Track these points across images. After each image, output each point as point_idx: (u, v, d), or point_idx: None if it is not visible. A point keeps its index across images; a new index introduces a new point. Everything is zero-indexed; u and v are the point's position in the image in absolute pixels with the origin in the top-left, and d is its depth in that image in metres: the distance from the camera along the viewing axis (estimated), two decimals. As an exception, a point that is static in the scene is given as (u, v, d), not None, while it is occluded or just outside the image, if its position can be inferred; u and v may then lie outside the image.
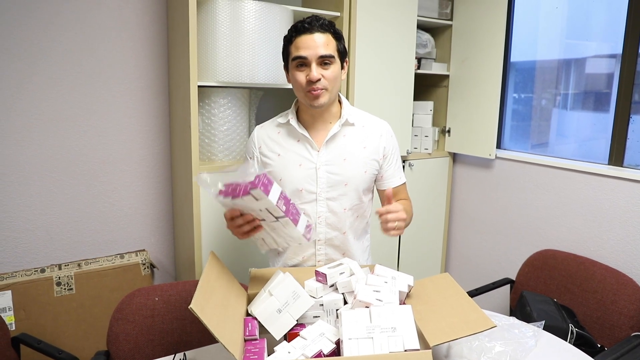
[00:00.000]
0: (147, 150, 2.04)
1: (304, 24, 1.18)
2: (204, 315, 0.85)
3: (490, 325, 0.91)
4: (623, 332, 1.59)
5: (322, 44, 1.17)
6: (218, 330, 0.85)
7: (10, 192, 1.78)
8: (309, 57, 1.17)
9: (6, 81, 1.72)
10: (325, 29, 1.19)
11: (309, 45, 1.16)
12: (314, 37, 1.17)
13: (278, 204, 0.98)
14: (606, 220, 1.87)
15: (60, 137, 1.85)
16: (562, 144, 2.27)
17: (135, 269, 1.96)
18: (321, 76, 1.18)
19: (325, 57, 1.17)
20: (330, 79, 1.19)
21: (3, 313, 1.68)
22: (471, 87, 2.36)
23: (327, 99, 1.21)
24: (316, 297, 1.05)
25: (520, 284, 1.94)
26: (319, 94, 1.19)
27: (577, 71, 2.16)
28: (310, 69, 1.17)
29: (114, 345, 1.29)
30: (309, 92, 1.19)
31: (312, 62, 1.17)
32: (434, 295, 1.09)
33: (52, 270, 1.81)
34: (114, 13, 1.88)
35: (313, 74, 1.16)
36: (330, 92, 1.21)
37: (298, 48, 1.18)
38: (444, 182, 2.56)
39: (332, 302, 1.05)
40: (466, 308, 1.00)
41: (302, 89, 1.20)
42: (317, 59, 1.17)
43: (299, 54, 1.18)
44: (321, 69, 1.18)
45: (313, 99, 1.20)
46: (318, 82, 1.17)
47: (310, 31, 1.17)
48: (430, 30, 2.49)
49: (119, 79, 1.93)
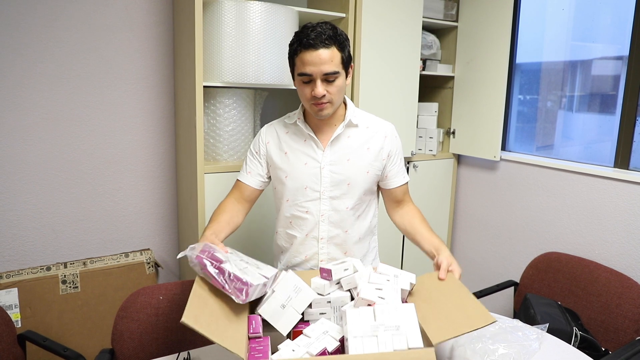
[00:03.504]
0: (153, 150, 2.05)
1: (309, 40, 1.17)
2: (199, 325, 0.85)
3: (490, 320, 0.92)
4: (627, 336, 1.58)
5: (327, 60, 1.17)
6: (217, 336, 0.86)
7: (16, 191, 1.79)
8: (313, 74, 1.18)
9: (13, 81, 1.73)
10: (329, 43, 1.17)
11: (313, 62, 1.17)
12: (318, 54, 1.17)
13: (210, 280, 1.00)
14: (611, 223, 1.86)
15: (66, 137, 1.86)
16: (568, 146, 2.26)
17: (140, 267, 1.98)
18: (326, 92, 1.20)
19: (329, 75, 1.19)
20: (334, 93, 1.21)
21: (9, 310, 1.69)
22: (476, 88, 2.36)
23: (332, 110, 1.25)
24: (324, 295, 1.06)
25: (524, 286, 1.93)
26: (323, 107, 1.22)
27: (583, 73, 2.15)
28: (315, 85, 1.19)
29: (118, 343, 1.30)
30: (313, 105, 1.23)
31: (317, 79, 1.19)
32: (436, 292, 1.10)
33: (57, 269, 1.82)
34: (120, 13, 1.89)
35: (318, 91, 1.18)
36: (335, 103, 1.24)
37: (303, 64, 1.19)
38: (449, 184, 2.56)
39: (339, 299, 1.06)
40: (467, 304, 1.00)
41: (308, 101, 1.24)
42: (322, 75, 1.18)
43: (304, 70, 1.19)
44: (325, 84, 1.20)
45: (318, 112, 1.23)
46: (323, 97, 1.20)
47: (315, 47, 1.17)
48: (435, 31, 2.49)
49: (125, 79, 1.94)
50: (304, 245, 1.35)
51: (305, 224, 1.33)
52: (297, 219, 1.33)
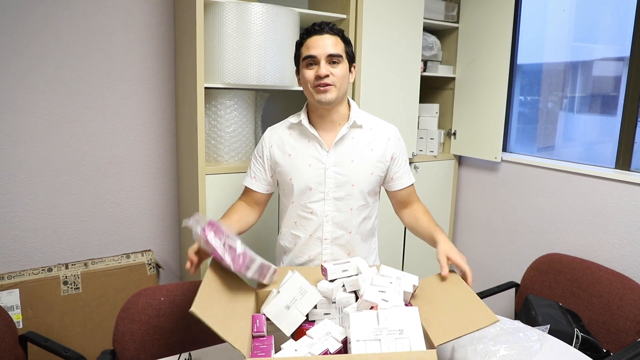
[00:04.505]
0: (154, 151, 2.05)
1: (315, 27, 1.26)
2: (206, 316, 0.86)
3: (493, 319, 0.92)
4: (629, 337, 1.58)
5: (331, 44, 1.24)
6: (222, 329, 0.86)
7: (18, 192, 1.80)
8: (318, 55, 1.23)
9: (13, 82, 1.74)
10: (334, 32, 1.27)
11: (318, 45, 1.24)
12: (323, 38, 1.24)
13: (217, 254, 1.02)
14: (612, 224, 1.86)
15: (68, 138, 1.87)
16: (569, 147, 2.26)
17: (141, 269, 1.98)
18: (330, 73, 1.24)
19: (333, 56, 1.24)
20: (338, 77, 1.25)
21: (11, 311, 1.70)
22: (477, 89, 2.36)
23: (335, 95, 1.25)
24: (332, 299, 1.06)
25: (525, 287, 1.93)
26: (327, 89, 1.24)
27: (584, 74, 2.15)
28: (319, 67, 1.24)
29: (119, 344, 1.30)
30: (317, 87, 1.24)
31: (322, 60, 1.23)
32: (439, 293, 1.10)
33: (59, 270, 1.83)
34: (122, 15, 1.90)
35: (322, 70, 1.23)
36: (339, 89, 1.26)
37: (308, 48, 1.25)
38: (449, 185, 2.56)
39: (344, 299, 1.06)
40: (470, 304, 1.00)
41: (311, 84, 1.26)
42: (326, 57, 1.23)
43: (309, 53, 1.25)
44: (330, 66, 1.24)
45: (321, 94, 1.24)
46: (326, 77, 1.23)
47: (321, 32, 1.25)
48: (436, 32, 2.49)
49: (126, 80, 1.95)
50: (307, 245, 1.36)
51: (310, 225, 1.33)
52: (302, 220, 1.34)
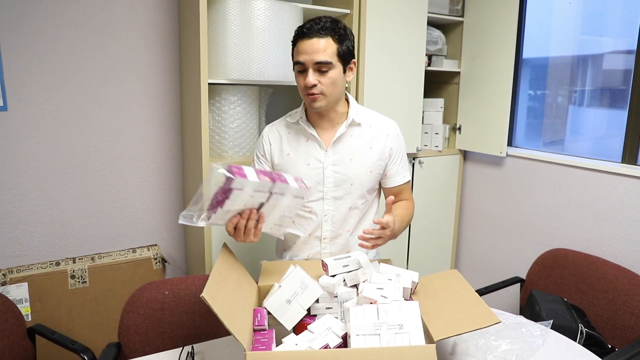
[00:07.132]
0: (159, 147, 2.07)
1: (303, 29, 1.19)
2: (215, 304, 0.86)
3: (495, 320, 0.92)
4: (635, 333, 1.57)
5: (319, 50, 1.17)
6: (228, 320, 0.87)
7: (26, 188, 1.82)
8: (305, 62, 1.19)
9: (20, 79, 1.75)
10: (324, 33, 1.18)
11: (306, 51, 1.18)
12: (311, 42, 1.17)
13: (261, 179, 1.00)
14: (619, 220, 1.85)
15: (74, 134, 1.88)
16: (576, 142, 2.23)
17: (147, 263, 2.00)
18: (317, 82, 1.19)
19: (321, 64, 1.18)
20: (326, 85, 1.20)
21: (19, 304, 1.73)
22: (482, 84, 2.34)
23: (325, 103, 1.23)
24: (334, 293, 1.06)
25: (530, 283, 1.92)
26: (316, 98, 1.21)
27: (592, 67, 2.12)
28: (307, 74, 1.19)
29: (124, 337, 1.32)
30: (306, 95, 1.23)
31: (309, 68, 1.19)
32: (441, 290, 1.10)
33: (66, 264, 1.85)
34: (127, 12, 1.91)
35: (309, 80, 1.18)
36: (329, 96, 1.22)
37: (298, 53, 1.21)
38: (455, 180, 2.55)
39: (345, 293, 1.06)
40: (472, 304, 1.00)
41: (302, 91, 1.24)
42: (314, 64, 1.18)
43: (298, 59, 1.21)
44: (318, 74, 1.19)
45: (311, 102, 1.23)
46: (314, 87, 1.19)
47: (309, 36, 1.17)
48: (441, 26, 2.47)
49: (132, 76, 1.96)
50: (306, 244, 1.35)
51: (309, 224, 1.33)
52: (301, 219, 1.34)
